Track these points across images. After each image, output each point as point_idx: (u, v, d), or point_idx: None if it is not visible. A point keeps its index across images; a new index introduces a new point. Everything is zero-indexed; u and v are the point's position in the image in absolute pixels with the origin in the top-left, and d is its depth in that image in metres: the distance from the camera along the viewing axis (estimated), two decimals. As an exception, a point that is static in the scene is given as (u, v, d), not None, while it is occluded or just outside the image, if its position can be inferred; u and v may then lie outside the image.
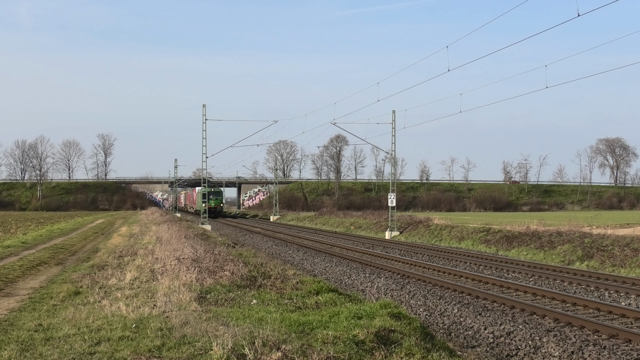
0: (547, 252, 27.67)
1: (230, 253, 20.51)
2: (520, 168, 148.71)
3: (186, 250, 19.64)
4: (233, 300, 12.06)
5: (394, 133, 43.78)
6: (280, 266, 17.92)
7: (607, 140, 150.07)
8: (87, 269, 17.54)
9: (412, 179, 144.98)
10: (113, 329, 9.36)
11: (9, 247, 26.47)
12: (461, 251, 31.53)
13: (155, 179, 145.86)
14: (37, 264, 20.08)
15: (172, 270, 15.20)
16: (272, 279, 14.79)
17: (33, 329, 9.68)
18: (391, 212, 45.13)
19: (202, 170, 54.37)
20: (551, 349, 10.95)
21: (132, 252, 21.27)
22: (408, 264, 24.96)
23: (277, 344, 7.92)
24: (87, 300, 12.17)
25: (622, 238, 25.91)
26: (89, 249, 26.45)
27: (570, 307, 15.23)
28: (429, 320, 13.99)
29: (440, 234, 39.94)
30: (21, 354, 8.13)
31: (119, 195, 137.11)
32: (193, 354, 7.90)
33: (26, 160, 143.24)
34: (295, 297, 12.58)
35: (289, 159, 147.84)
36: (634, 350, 10.90)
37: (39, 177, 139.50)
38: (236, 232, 47.11)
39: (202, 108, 49.25)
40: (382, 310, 10.67)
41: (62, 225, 50.97)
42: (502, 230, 34.45)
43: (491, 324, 12.96)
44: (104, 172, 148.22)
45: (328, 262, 24.82)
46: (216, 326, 9.09)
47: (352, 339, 8.46)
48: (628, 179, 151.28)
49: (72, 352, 8.20)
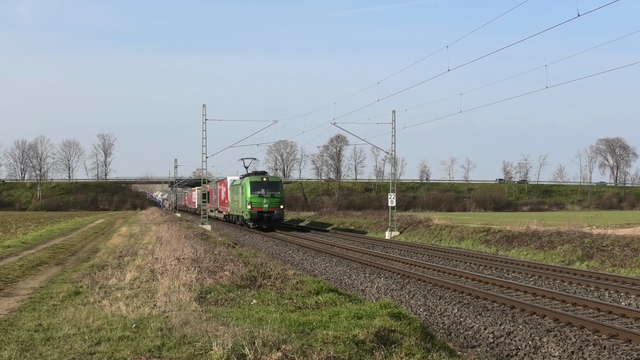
0: (547, 252, 27.67)
1: (230, 253, 20.50)
2: (520, 168, 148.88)
3: (186, 250, 19.64)
4: (233, 300, 12.06)
5: (394, 133, 43.80)
6: (280, 266, 17.91)
7: (607, 140, 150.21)
8: (87, 269, 17.53)
9: (412, 179, 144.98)
10: (113, 329, 9.36)
11: (9, 247, 26.46)
12: (461, 251, 31.52)
13: (155, 179, 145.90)
14: (37, 264, 20.07)
15: (172, 270, 15.20)
16: (272, 279, 14.79)
17: (33, 329, 9.68)
18: (391, 212, 45.14)
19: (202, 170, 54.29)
20: (551, 349, 10.94)
21: (132, 252, 21.26)
22: (408, 264, 24.96)
23: (277, 344, 7.92)
24: (87, 300, 12.17)
25: (622, 238, 25.90)
26: (89, 249, 26.44)
27: (570, 307, 15.23)
28: (429, 320, 13.98)
29: (440, 234, 39.93)
30: (21, 354, 8.12)
31: (119, 195, 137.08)
32: (193, 354, 7.90)
33: (26, 160, 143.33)
34: (295, 297, 12.57)
35: (289, 159, 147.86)
36: (634, 350, 10.90)
37: (39, 177, 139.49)
38: (236, 232, 47.09)
39: (202, 108, 49.23)
40: (382, 310, 10.67)
41: (62, 225, 50.95)
42: (502, 230, 34.44)
43: (491, 324, 12.96)
44: (104, 172, 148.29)
45: (328, 262, 24.82)
46: (216, 326, 9.09)
47: (352, 339, 8.46)
48: (628, 179, 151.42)
49: (72, 352, 8.20)
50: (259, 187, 46.05)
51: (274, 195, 46.36)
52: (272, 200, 46.11)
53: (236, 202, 51.99)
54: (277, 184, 47.53)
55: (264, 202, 45.79)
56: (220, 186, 65.00)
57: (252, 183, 46.14)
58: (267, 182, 46.71)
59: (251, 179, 46.41)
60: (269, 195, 46.14)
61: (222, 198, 62.35)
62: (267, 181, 46.82)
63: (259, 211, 45.75)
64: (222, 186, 62.70)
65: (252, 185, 46.02)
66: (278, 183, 47.74)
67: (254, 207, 45.78)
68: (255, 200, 45.76)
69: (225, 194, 60.49)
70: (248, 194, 45.84)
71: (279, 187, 47.38)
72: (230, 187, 55.96)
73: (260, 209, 45.83)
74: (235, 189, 52.23)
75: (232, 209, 55.01)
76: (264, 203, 45.77)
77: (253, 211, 45.72)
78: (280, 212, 46.94)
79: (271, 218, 46.20)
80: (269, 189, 46.41)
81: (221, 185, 64.12)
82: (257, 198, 45.69)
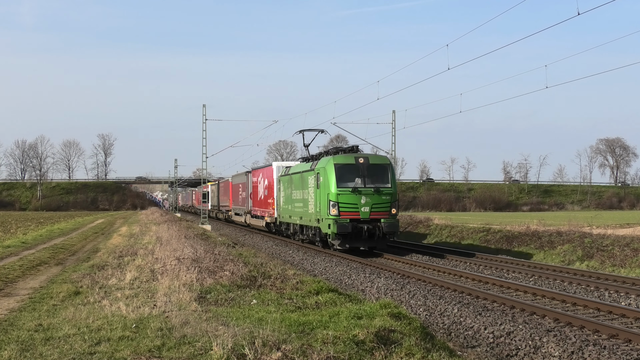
0: (547, 252, 27.68)
1: (230, 253, 20.51)
2: (520, 168, 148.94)
3: (186, 250, 19.65)
4: (233, 300, 12.06)
5: (394, 133, 43.81)
6: (280, 266, 17.91)
7: (607, 140, 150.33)
8: (87, 269, 17.53)
9: (412, 179, 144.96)
10: (113, 329, 9.36)
11: (9, 247, 26.47)
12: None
13: (155, 179, 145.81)
14: (37, 264, 20.08)
15: (172, 270, 15.20)
16: (272, 279, 14.79)
17: (33, 329, 9.68)
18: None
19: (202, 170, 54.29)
20: (551, 349, 10.95)
21: (132, 252, 21.27)
22: (408, 264, 24.95)
23: (277, 344, 7.92)
24: (87, 300, 12.17)
25: (622, 238, 25.90)
26: (89, 249, 26.45)
27: (570, 307, 15.23)
28: (429, 320, 13.99)
29: (440, 234, 39.95)
30: (21, 354, 8.13)
31: (119, 195, 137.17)
32: (193, 354, 7.90)
33: (26, 160, 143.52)
34: (295, 297, 12.58)
35: (289, 158, 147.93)
36: (634, 350, 10.90)
37: (39, 177, 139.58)
38: (236, 232, 47.09)
39: (202, 108, 49.25)
40: (382, 310, 10.68)
41: (62, 225, 50.95)
42: (502, 230, 34.44)
43: (491, 323, 12.96)
44: (104, 172, 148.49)
45: (328, 262, 24.81)
46: (216, 326, 9.09)
47: (352, 339, 8.46)
48: (628, 179, 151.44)
49: (72, 352, 8.20)
50: (352, 175, 26.45)
51: (380, 190, 26.29)
52: (377, 199, 26.24)
53: (295, 202, 32.01)
54: (385, 169, 26.95)
55: (363, 204, 26.11)
56: (255, 178, 44.86)
57: (338, 167, 26.35)
58: (368, 166, 26.54)
59: (336, 160, 26.64)
60: (372, 190, 26.19)
61: (261, 196, 42.23)
62: (368, 163, 26.62)
63: (355, 219, 26.01)
64: (261, 178, 42.45)
65: (339, 172, 26.26)
66: (386, 167, 27.05)
67: (343, 211, 26.02)
68: (347, 200, 26.11)
69: (266, 189, 40.07)
70: (332, 188, 26.16)
71: (388, 174, 26.90)
72: (281, 178, 35.72)
73: (355, 216, 26.07)
74: (296, 180, 31.72)
75: (285, 214, 34.63)
76: (362, 205, 26.10)
77: (342, 220, 25.84)
78: (392, 222, 26.25)
79: (376, 233, 25.90)
80: (372, 178, 26.42)
81: (257, 176, 43.97)
82: (349, 196, 26.11)
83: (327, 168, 26.74)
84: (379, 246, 27.76)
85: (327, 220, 26.45)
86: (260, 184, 42.82)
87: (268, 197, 39.81)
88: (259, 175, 43.69)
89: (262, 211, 42.31)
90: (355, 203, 26.11)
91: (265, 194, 40.93)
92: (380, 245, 27.42)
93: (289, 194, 33.72)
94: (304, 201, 30.33)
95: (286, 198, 34.39)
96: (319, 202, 27.49)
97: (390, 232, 26.27)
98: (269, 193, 39.55)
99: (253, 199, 45.71)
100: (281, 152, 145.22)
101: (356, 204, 26.11)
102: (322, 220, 27.27)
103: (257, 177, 43.99)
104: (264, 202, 41.26)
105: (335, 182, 26.17)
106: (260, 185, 42.51)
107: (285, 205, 34.68)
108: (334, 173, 26.27)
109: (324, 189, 26.82)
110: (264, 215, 41.38)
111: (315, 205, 28.24)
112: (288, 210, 34.03)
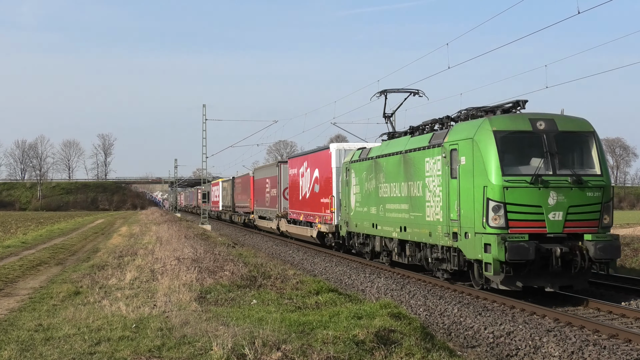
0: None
1: (230, 253, 20.52)
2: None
3: (186, 250, 19.67)
4: (233, 300, 12.07)
5: (394, 133, 43.42)
6: (280, 266, 17.92)
7: (607, 140, 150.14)
8: (87, 269, 17.54)
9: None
10: (113, 329, 9.36)
11: (9, 247, 26.49)
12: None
13: (155, 179, 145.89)
14: (37, 264, 20.10)
15: (172, 270, 15.21)
16: (272, 279, 14.80)
17: (33, 329, 9.69)
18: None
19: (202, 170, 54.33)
20: (551, 349, 10.95)
21: (132, 252, 21.28)
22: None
23: (277, 344, 7.92)
24: (87, 300, 12.18)
25: (622, 238, 25.88)
26: (89, 249, 26.46)
27: (570, 307, 15.21)
28: (429, 320, 13.98)
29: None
30: (21, 354, 8.13)
31: (119, 195, 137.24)
32: (193, 354, 7.91)
33: (26, 160, 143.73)
34: (295, 297, 12.58)
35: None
36: (634, 350, 10.90)
37: (39, 177, 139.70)
38: (236, 232, 47.09)
39: (202, 108, 49.26)
40: (382, 310, 10.68)
41: (62, 225, 50.96)
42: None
43: (491, 324, 12.96)
44: (104, 172, 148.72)
45: (328, 262, 24.80)
46: (216, 326, 9.09)
47: (352, 339, 8.46)
48: (628, 179, 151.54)
49: (72, 352, 8.20)
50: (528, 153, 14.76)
51: (582, 180, 14.30)
52: (577, 198, 14.30)
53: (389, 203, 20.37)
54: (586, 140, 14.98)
55: (552, 206, 14.18)
56: (294, 169, 33.67)
57: (503, 137, 14.55)
58: (556, 135, 14.65)
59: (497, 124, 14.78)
60: (568, 181, 14.25)
61: (306, 193, 30.80)
62: (556, 130, 14.70)
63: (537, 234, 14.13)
64: (304, 168, 31.27)
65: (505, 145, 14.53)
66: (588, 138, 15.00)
67: (515, 220, 14.19)
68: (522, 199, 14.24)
69: (317, 183, 28.97)
70: (491, 176, 14.33)
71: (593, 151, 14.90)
72: (352, 166, 23.91)
73: (538, 228, 14.22)
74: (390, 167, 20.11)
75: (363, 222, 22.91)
76: (550, 208, 14.17)
77: (515, 237, 13.90)
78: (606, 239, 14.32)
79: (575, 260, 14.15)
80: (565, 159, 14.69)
81: (298, 166, 32.71)
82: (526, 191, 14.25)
83: (478, 140, 14.82)
84: (576, 285, 15.14)
85: (481, 237, 14.45)
86: (303, 177, 31.30)
87: (321, 196, 28.24)
88: (301, 164, 31.90)
89: (309, 215, 30.29)
90: (538, 205, 14.26)
91: (314, 191, 29.24)
92: (580, 283, 15.13)
93: (370, 190, 21.98)
94: (411, 201, 18.56)
95: (364, 196, 22.65)
96: (457, 203, 15.65)
97: (603, 259, 14.41)
98: (322, 189, 28.18)
99: (291, 197, 34.01)
100: (281, 152, 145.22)
101: (540, 206, 14.24)
102: (463, 235, 15.40)
103: (298, 167, 32.37)
104: (313, 202, 29.44)
105: (499, 164, 14.33)
106: (305, 179, 31.04)
107: (362, 208, 22.91)
108: (495, 148, 14.42)
109: (471, 177, 15.03)
110: (314, 220, 29.35)
111: (444, 209, 16.39)
112: (369, 215, 22.22)
